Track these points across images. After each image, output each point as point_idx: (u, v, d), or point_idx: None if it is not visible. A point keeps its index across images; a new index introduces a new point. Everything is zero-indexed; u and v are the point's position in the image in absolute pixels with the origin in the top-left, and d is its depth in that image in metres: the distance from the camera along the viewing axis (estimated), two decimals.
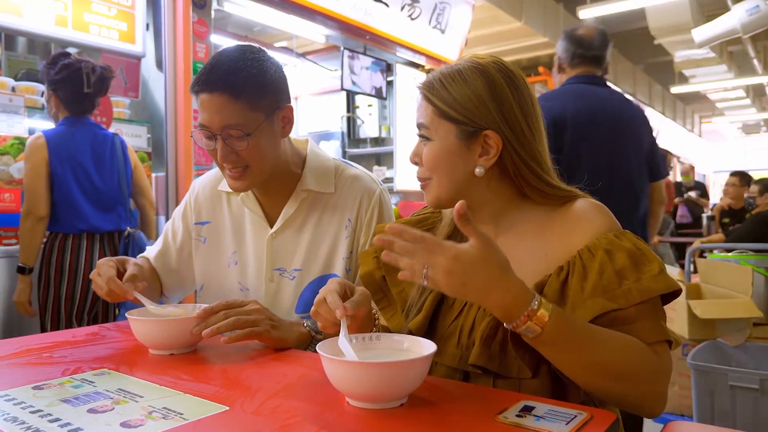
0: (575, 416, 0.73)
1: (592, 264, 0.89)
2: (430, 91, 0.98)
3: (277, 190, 1.32)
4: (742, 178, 5.67)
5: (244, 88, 1.16)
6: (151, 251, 1.48)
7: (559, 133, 2.12)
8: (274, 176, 1.28)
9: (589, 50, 2.33)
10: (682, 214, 7.91)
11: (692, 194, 8.00)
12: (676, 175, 12.43)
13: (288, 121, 1.26)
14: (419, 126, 1.01)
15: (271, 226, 1.33)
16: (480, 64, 0.98)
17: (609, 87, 2.38)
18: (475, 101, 0.95)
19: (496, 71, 0.97)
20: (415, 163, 1.03)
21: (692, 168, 9.37)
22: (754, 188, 5.08)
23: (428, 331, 1.02)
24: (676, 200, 7.88)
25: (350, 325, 0.92)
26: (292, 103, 1.28)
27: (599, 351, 0.83)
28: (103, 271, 1.19)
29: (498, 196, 1.01)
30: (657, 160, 2.40)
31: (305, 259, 1.32)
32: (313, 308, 0.95)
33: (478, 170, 0.97)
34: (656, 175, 2.41)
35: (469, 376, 0.96)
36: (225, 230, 1.39)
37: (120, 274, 1.20)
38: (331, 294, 0.93)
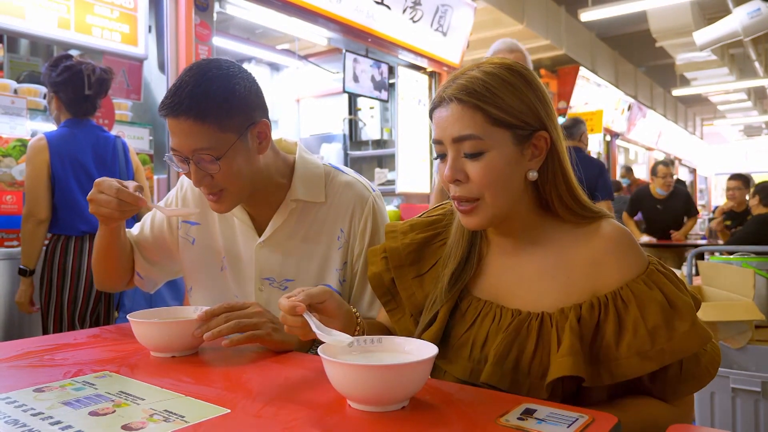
0: (577, 419, 0.73)
1: (626, 318, 0.88)
2: (477, 97, 0.89)
3: (265, 202, 1.28)
4: (744, 181, 5.67)
5: (210, 110, 1.10)
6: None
7: None
8: (259, 190, 1.24)
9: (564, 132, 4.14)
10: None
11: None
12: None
13: (264, 137, 1.20)
14: (463, 139, 0.90)
15: (260, 235, 1.30)
16: (508, 65, 0.93)
17: (580, 153, 4.07)
18: (527, 102, 0.91)
19: (524, 70, 0.93)
20: (457, 182, 0.93)
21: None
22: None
23: (440, 339, 1.00)
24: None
25: (331, 324, 0.93)
26: (294, 106, 1.26)
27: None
28: (105, 187, 1.16)
29: (527, 207, 0.97)
30: (599, 190, 3.90)
31: (297, 270, 1.29)
32: (285, 327, 0.94)
33: (531, 174, 0.93)
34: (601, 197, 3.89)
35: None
36: (215, 234, 1.36)
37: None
38: (281, 302, 0.93)
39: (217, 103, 1.11)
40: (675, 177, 5.75)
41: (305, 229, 1.29)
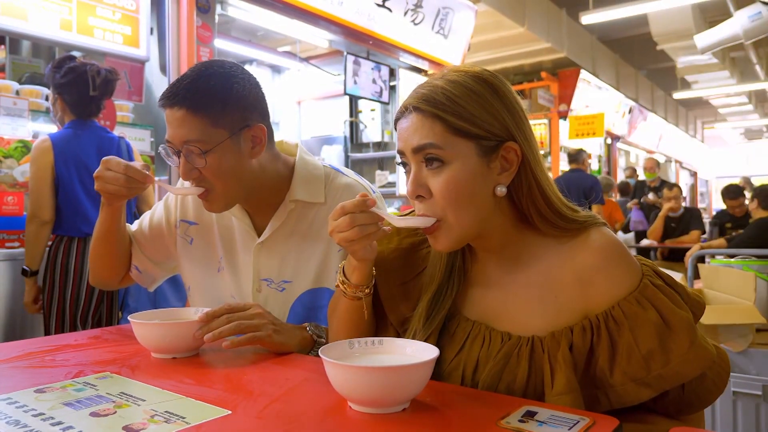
0: (578, 421, 0.73)
1: (619, 341, 0.84)
2: (436, 106, 0.85)
3: (264, 203, 1.28)
4: (743, 194, 5.82)
5: (204, 103, 1.12)
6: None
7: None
8: (257, 191, 1.24)
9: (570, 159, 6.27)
10: (638, 220, 6.96)
11: (650, 196, 7.12)
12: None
13: (258, 142, 1.19)
14: (422, 149, 0.86)
15: (259, 236, 1.29)
16: (475, 73, 0.88)
17: (581, 172, 6.10)
18: (491, 111, 0.86)
19: (493, 78, 0.88)
20: (420, 198, 0.88)
21: (657, 164, 7.67)
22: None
23: None
24: (629, 204, 7.14)
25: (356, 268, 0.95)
26: (295, 108, 1.26)
27: None
28: (113, 164, 1.17)
29: (503, 223, 0.92)
30: (592, 195, 5.63)
31: (294, 271, 1.28)
32: (352, 232, 0.89)
33: (500, 189, 0.87)
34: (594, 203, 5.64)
35: None
36: (213, 234, 1.36)
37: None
38: (345, 206, 0.90)
39: (212, 97, 1.13)
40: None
41: (304, 229, 1.29)
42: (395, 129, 0.93)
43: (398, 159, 0.93)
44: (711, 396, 0.89)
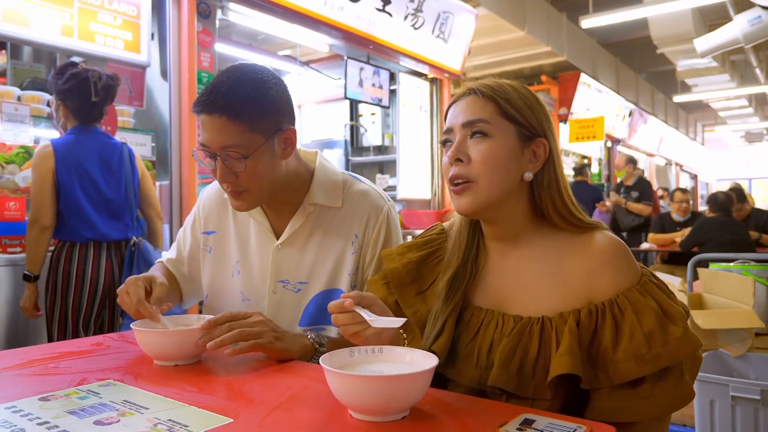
0: (575, 429, 0.74)
1: (623, 323, 0.92)
2: (494, 91, 0.99)
3: (284, 204, 1.32)
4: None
5: (243, 110, 1.15)
6: (165, 257, 1.52)
7: None
8: (279, 192, 1.28)
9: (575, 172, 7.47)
10: None
11: (611, 195, 6.87)
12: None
13: (290, 143, 1.25)
14: (472, 123, 0.98)
15: (277, 238, 1.33)
16: (521, 84, 1.03)
17: (586, 183, 7.20)
18: (533, 107, 1.00)
19: (534, 93, 1.03)
20: (458, 161, 0.99)
21: (631, 161, 7.15)
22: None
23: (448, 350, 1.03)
24: (597, 205, 6.89)
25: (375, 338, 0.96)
26: (296, 112, 1.29)
27: None
28: (132, 291, 1.19)
29: (522, 211, 1.02)
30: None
31: (310, 272, 1.32)
32: (339, 329, 0.95)
33: (527, 175, 1.00)
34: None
35: (485, 394, 0.98)
36: (229, 239, 1.40)
37: (147, 293, 1.20)
38: (330, 306, 0.95)
39: (251, 104, 1.16)
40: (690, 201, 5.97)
41: (322, 231, 1.33)
42: (444, 117, 1.06)
43: (442, 138, 1.04)
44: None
